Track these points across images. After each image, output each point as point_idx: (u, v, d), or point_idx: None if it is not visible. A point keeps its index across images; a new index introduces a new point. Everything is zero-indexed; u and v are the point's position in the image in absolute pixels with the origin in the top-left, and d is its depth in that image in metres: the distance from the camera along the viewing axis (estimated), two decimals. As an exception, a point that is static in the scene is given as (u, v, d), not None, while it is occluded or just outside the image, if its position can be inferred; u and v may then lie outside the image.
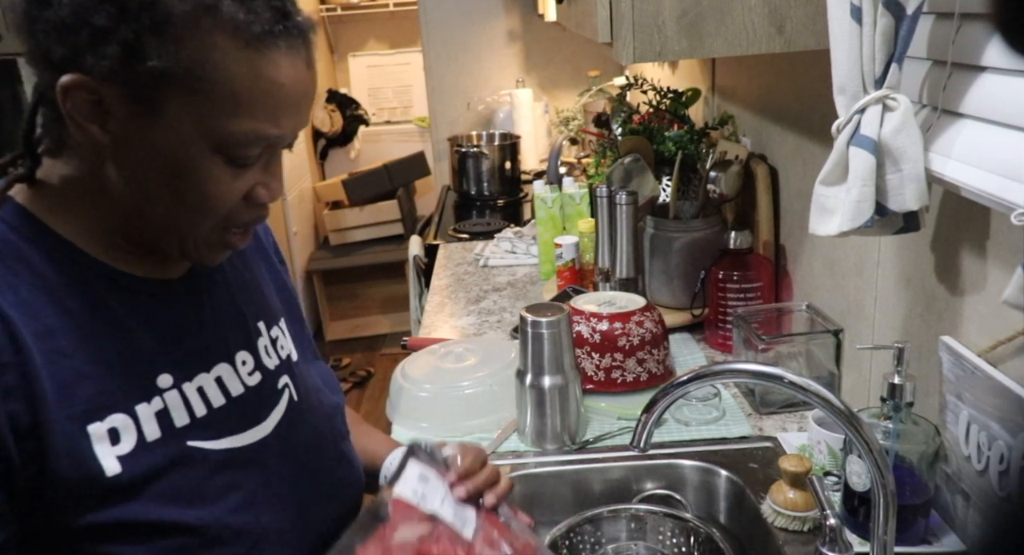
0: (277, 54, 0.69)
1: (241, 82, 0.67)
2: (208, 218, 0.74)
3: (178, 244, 0.75)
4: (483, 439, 1.28)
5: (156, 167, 0.70)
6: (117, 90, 0.67)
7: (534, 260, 2.14)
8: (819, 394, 0.80)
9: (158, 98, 0.67)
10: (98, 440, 0.69)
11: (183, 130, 0.68)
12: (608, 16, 1.08)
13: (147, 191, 0.71)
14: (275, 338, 0.89)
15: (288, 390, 0.87)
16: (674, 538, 1.10)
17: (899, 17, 0.80)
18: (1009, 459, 0.83)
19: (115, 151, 0.70)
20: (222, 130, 0.68)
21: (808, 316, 1.36)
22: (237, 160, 0.71)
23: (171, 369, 0.76)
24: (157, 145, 0.69)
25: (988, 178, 0.78)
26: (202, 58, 0.66)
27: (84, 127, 0.68)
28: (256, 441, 0.80)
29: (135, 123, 0.68)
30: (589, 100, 2.95)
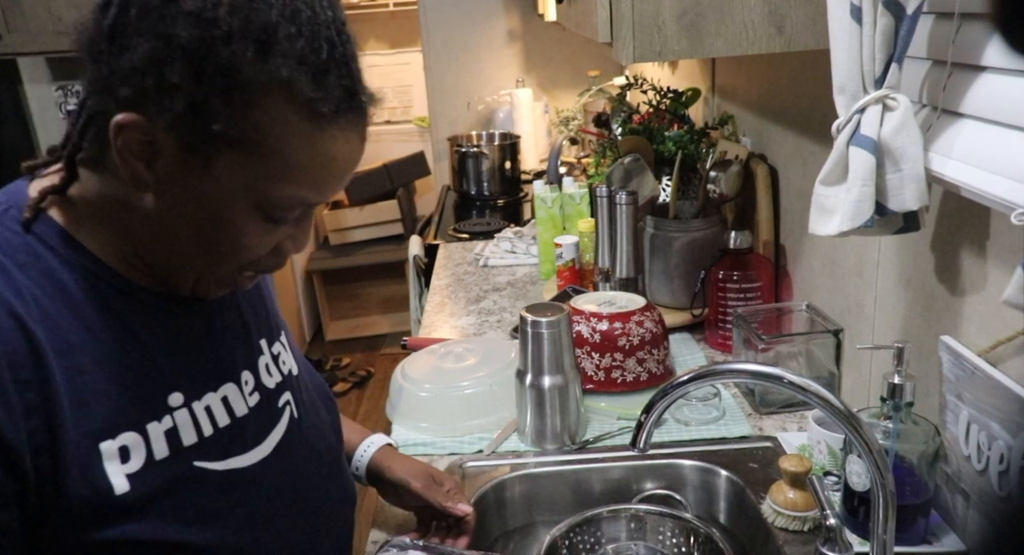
0: (337, 131, 0.69)
1: (298, 154, 0.68)
2: (233, 263, 0.74)
3: (194, 279, 0.76)
4: (483, 439, 1.28)
5: (194, 212, 0.70)
6: (172, 138, 0.66)
7: (534, 260, 2.14)
8: (819, 394, 0.80)
9: (212, 154, 0.67)
10: (109, 458, 0.69)
11: (229, 185, 0.68)
12: (608, 16, 1.08)
13: (179, 231, 0.71)
14: (277, 354, 0.89)
15: (289, 407, 0.87)
16: (674, 538, 1.10)
17: (899, 17, 0.80)
18: (1009, 459, 0.83)
19: (156, 189, 0.69)
20: (268, 193, 0.69)
21: (808, 316, 1.36)
22: (275, 218, 0.72)
23: (182, 388, 0.75)
24: (200, 194, 0.69)
25: (988, 178, 0.78)
26: (265, 127, 0.66)
27: (130, 163, 0.67)
28: (258, 461, 0.80)
29: (182, 170, 0.68)
30: (589, 100, 2.95)
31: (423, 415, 1.32)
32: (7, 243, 0.69)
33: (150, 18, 0.64)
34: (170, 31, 0.63)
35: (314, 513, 0.86)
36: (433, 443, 1.28)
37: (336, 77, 0.68)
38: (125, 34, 0.65)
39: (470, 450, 1.26)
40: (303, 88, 0.66)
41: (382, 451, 1.07)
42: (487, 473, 1.20)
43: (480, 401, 1.31)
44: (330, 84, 0.67)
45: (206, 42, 0.63)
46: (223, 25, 0.63)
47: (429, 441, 1.28)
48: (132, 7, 0.65)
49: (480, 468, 1.21)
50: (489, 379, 1.33)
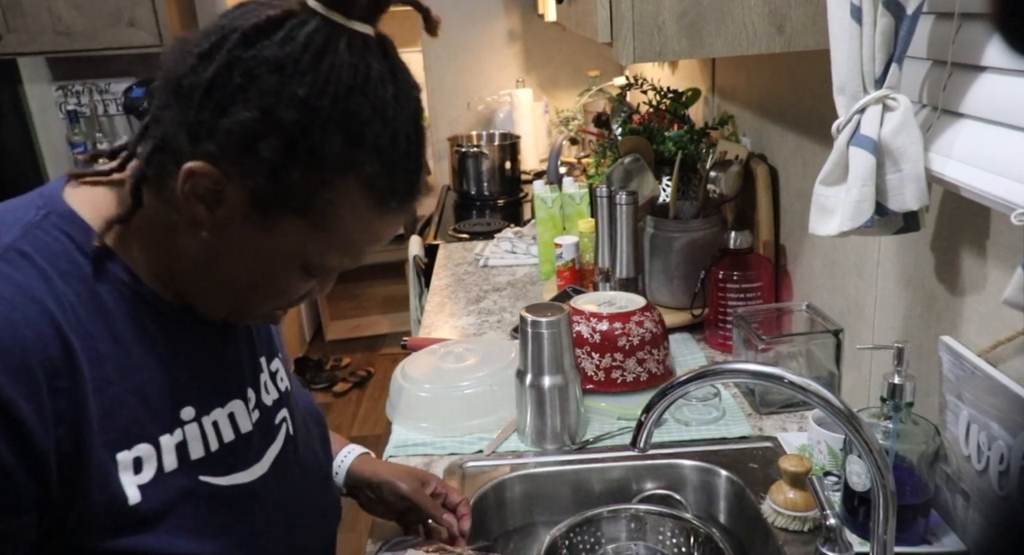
0: (393, 218, 0.73)
1: (355, 233, 0.71)
2: (268, 304, 0.78)
3: (226, 311, 0.78)
4: (483, 439, 1.28)
5: (243, 260, 0.72)
6: (241, 195, 0.68)
7: (534, 260, 2.14)
8: (819, 394, 0.80)
9: (277, 218, 0.69)
10: (124, 468, 0.69)
11: (283, 245, 0.71)
12: (608, 16, 1.08)
13: (223, 271, 0.73)
14: (275, 371, 0.90)
15: (285, 424, 0.88)
16: (674, 538, 1.10)
17: (899, 17, 0.80)
18: (1009, 459, 0.83)
19: (210, 230, 0.70)
20: (317, 258, 0.73)
21: (808, 316, 1.36)
22: (315, 276, 0.76)
23: (194, 402, 0.76)
24: (252, 245, 0.71)
25: (988, 178, 0.78)
26: (334, 206, 0.69)
27: (192, 204, 0.68)
28: (258, 477, 0.81)
29: (242, 222, 0.69)
30: (589, 100, 2.95)
31: (423, 415, 1.32)
32: (49, 250, 0.69)
33: (257, 90, 0.65)
34: (276, 110, 0.64)
35: (307, 528, 0.88)
36: (433, 443, 1.28)
37: (405, 172, 0.71)
38: (225, 94, 0.65)
39: (470, 450, 1.26)
40: (377, 180, 0.69)
41: (361, 458, 1.07)
42: (487, 473, 1.20)
43: (480, 401, 1.31)
44: (400, 177, 0.71)
45: (305, 126, 0.65)
46: (325, 113, 0.65)
47: (429, 441, 1.28)
48: (236, 71, 0.65)
49: (480, 468, 1.21)
50: (489, 379, 1.33)
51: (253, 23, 0.65)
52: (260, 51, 0.65)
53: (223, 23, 0.67)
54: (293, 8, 0.66)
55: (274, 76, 0.64)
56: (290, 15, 0.66)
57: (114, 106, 3.37)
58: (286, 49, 0.65)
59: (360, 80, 0.66)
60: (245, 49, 0.65)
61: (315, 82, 0.65)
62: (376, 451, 1.27)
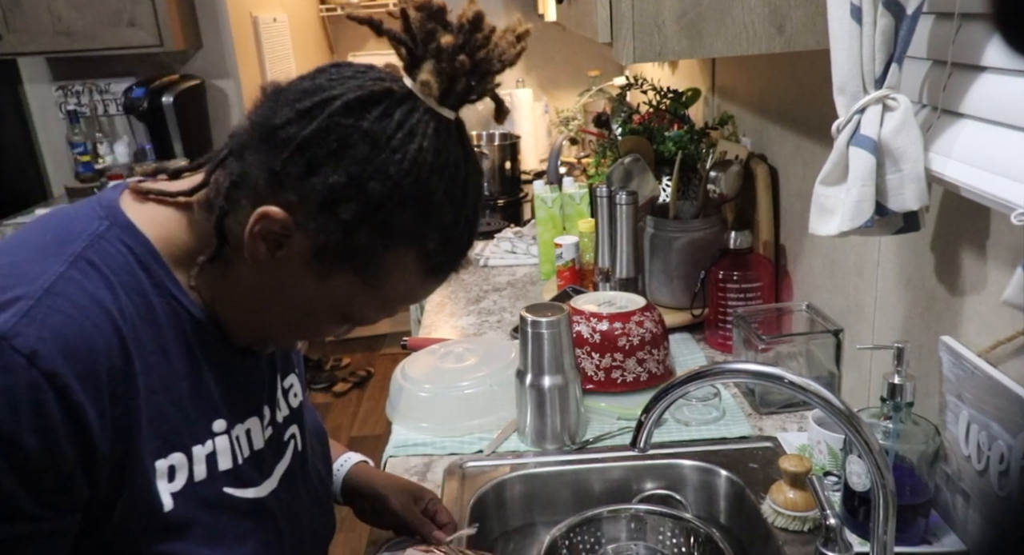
0: (434, 285, 0.79)
1: (399, 295, 0.76)
2: (299, 340, 0.84)
3: (255, 340, 0.81)
4: (483, 439, 1.28)
5: (289, 300, 0.76)
6: (307, 246, 0.71)
7: (534, 260, 2.14)
8: (819, 394, 0.80)
9: (333, 270, 0.72)
10: (160, 476, 0.72)
11: (332, 295, 0.74)
12: (608, 16, 1.08)
13: (267, 306, 0.77)
14: (288, 387, 0.92)
15: (294, 440, 0.91)
16: (674, 538, 1.10)
17: (899, 17, 0.80)
18: (1009, 459, 0.83)
19: (266, 268, 0.73)
20: (361, 311, 0.77)
21: (808, 316, 1.36)
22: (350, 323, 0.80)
23: (225, 415, 0.79)
24: (304, 290, 0.74)
25: (988, 178, 0.78)
26: (389, 270, 0.73)
27: (256, 243, 0.71)
28: (269, 492, 0.83)
29: (299, 267, 0.72)
30: (589, 100, 2.95)
31: (423, 415, 1.32)
32: (113, 261, 0.71)
33: (350, 158, 0.68)
34: (363, 179, 0.68)
35: (309, 542, 0.90)
36: (433, 443, 1.28)
37: (459, 248, 0.76)
38: (318, 154, 0.68)
39: (470, 450, 1.26)
40: (435, 254, 0.74)
41: (359, 466, 1.09)
42: (487, 473, 1.20)
43: (480, 401, 1.31)
44: (454, 253, 0.76)
45: (386, 199, 0.69)
46: (406, 190, 0.69)
47: (429, 441, 1.28)
48: (333, 135, 0.68)
49: (480, 468, 1.21)
50: (489, 379, 1.33)
51: (356, 95, 0.69)
52: (358, 122, 0.68)
53: (323, 83, 0.71)
54: (393, 87, 0.70)
55: (368, 148, 0.68)
56: (390, 93, 0.70)
57: (114, 106, 3.37)
58: (382, 124, 0.69)
59: (441, 163, 0.71)
60: (345, 117, 0.68)
61: (403, 160, 0.69)
62: (376, 451, 1.27)
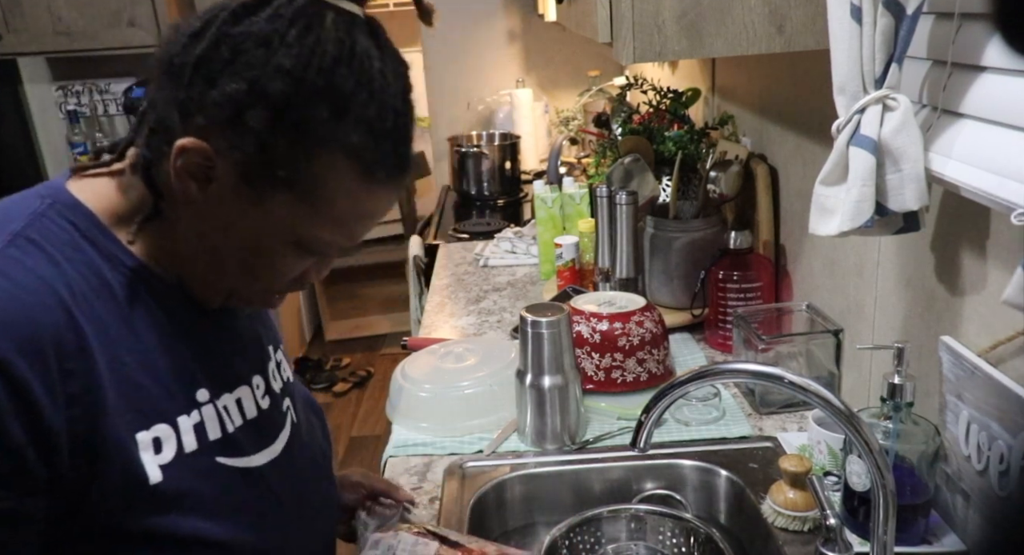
0: (382, 192, 0.74)
1: (345, 208, 0.72)
2: (263, 285, 0.78)
3: (224, 296, 0.79)
4: (483, 439, 1.28)
5: (235, 237, 0.73)
6: (232, 171, 0.69)
7: (534, 260, 2.14)
8: (819, 394, 0.80)
9: (266, 192, 0.70)
10: (144, 448, 0.71)
11: (275, 221, 0.72)
12: (608, 16, 1.08)
13: (216, 249, 0.74)
14: (279, 361, 0.92)
15: (290, 412, 0.90)
16: (674, 538, 1.10)
17: (899, 17, 0.80)
18: (1009, 459, 0.83)
19: (203, 208, 0.72)
20: (309, 235, 0.73)
21: (808, 316, 1.36)
22: (309, 253, 0.76)
23: (207, 385, 0.78)
24: (245, 222, 0.72)
25: (988, 178, 0.78)
26: (323, 180, 0.70)
27: (184, 181, 0.70)
28: (268, 461, 0.82)
29: (232, 197, 0.71)
30: (589, 100, 2.95)
31: (423, 415, 1.32)
32: (55, 237, 0.71)
33: (244, 63, 0.67)
34: (262, 81, 0.66)
35: (313, 513, 0.89)
36: (433, 443, 1.28)
37: (393, 144, 0.73)
38: (213, 69, 0.67)
39: (470, 450, 1.26)
40: (365, 152, 0.70)
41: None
42: (487, 473, 1.20)
43: (480, 401, 1.31)
44: (387, 150, 0.72)
45: (291, 97, 0.67)
46: (310, 84, 0.67)
47: (429, 441, 1.28)
48: (224, 46, 0.67)
49: (480, 468, 1.21)
50: (489, 379, 1.33)
51: (242, 2, 0.68)
52: (248, 27, 0.67)
53: (213, 5, 0.70)
54: None
55: (261, 49, 0.67)
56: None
57: (114, 106, 3.37)
58: (273, 24, 0.67)
59: (346, 54, 0.68)
60: (233, 25, 0.67)
61: (301, 54, 0.66)
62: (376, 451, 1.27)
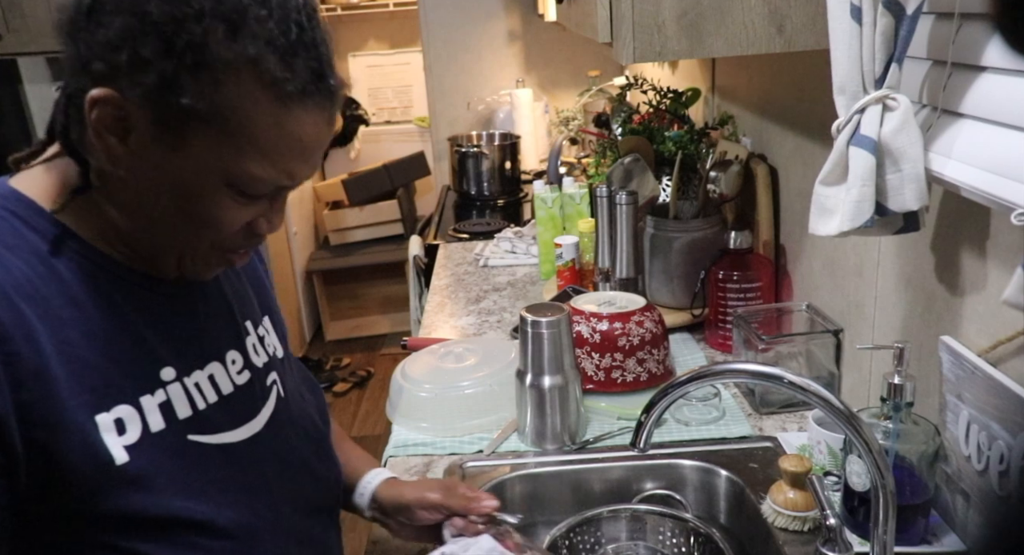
0: (303, 112, 0.71)
1: (266, 133, 0.70)
2: (208, 237, 0.76)
3: (176, 259, 0.78)
4: (483, 439, 1.28)
5: (168, 187, 0.72)
6: (144, 113, 0.69)
7: (534, 260, 2.14)
8: (819, 394, 0.80)
9: (183, 130, 0.69)
10: (105, 430, 0.71)
11: (200, 160, 0.70)
12: (608, 16, 1.08)
13: (155, 205, 0.73)
14: (262, 336, 0.91)
15: (276, 387, 0.90)
16: (674, 538, 1.10)
17: (899, 17, 0.80)
18: (1009, 459, 0.83)
19: (130, 164, 0.71)
20: (237, 170, 0.71)
21: (808, 316, 1.36)
22: (246, 195, 0.74)
23: (173, 363, 0.77)
24: (172, 168, 0.71)
25: (988, 178, 0.78)
26: (234, 104, 0.68)
27: (104, 138, 0.70)
28: (248, 437, 0.82)
29: (154, 145, 0.70)
30: (589, 100, 2.95)
31: (423, 415, 1.32)
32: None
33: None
34: (144, 8, 0.66)
35: (305, 490, 0.89)
36: (433, 443, 1.28)
37: (304, 59, 0.70)
38: (102, 11, 0.67)
39: (470, 450, 1.26)
40: (270, 67, 0.68)
41: (387, 483, 1.03)
42: (487, 473, 1.20)
43: (480, 401, 1.31)
44: (297, 65, 0.70)
45: (178, 19, 0.66)
46: (195, 4, 0.66)
47: (429, 441, 1.28)
48: None
49: (480, 468, 1.21)
50: (489, 379, 1.33)
51: None
52: None
53: None
54: None
55: None
56: None
57: (114, 106, 3.37)
58: None
59: None
60: None
61: None
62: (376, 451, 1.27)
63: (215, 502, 0.76)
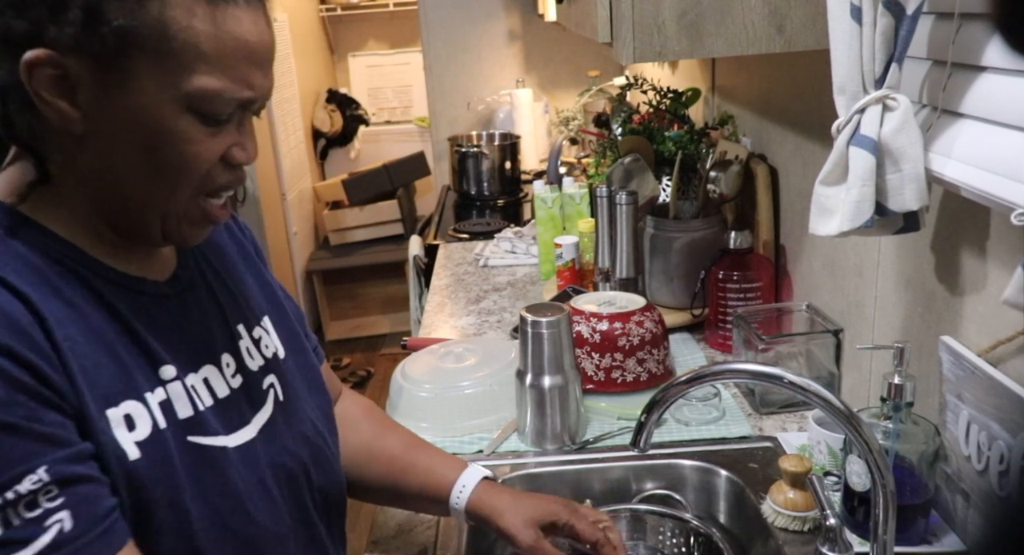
0: (237, 11, 0.69)
1: (206, 38, 0.68)
2: (186, 183, 0.73)
3: (160, 221, 0.75)
4: (483, 439, 1.28)
5: (130, 135, 0.69)
6: (83, 60, 0.66)
7: (534, 260, 2.14)
8: (819, 394, 0.80)
9: (124, 63, 0.67)
10: (116, 425, 0.70)
11: (153, 92, 0.68)
12: (608, 16, 1.08)
13: (125, 163, 0.71)
14: (258, 338, 0.89)
15: (273, 390, 0.87)
16: (674, 538, 1.10)
17: (899, 17, 0.80)
18: (1009, 459, 0.83)
19: (87, 126, 0.69)
20: (191, 88, 0.68)
21: (808, 316, 1.36)
22: (210, 118, 0.71)
23: (172, 362, 0.76)
24: (129, 112, 0.68)
25: (988, 178, 0.78)
26: (165, 16, 0.66)
27: (53, 104, 0.67)
28: (244, 443, 0.80)
29: (104, 92, 0.68)
30: (589, 100, 2.95)
31: (423, 415, 1.32)
32: None
33: None
34: None
35: (304, 495, 0.87)
36: (433, 443, 1.28)
37: None
38: None
39: (470, 450, 1.26)
40: None
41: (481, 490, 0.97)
42: (487, 473, 1.20)
43: (480, 401, 1.31)
44: None
45: None
46: None
47: (429, 441, 1.28)
48: None
49: (480, 468, 1.21)
50: (489, 379, 1.33)
51: None
52: None
53: None
54: None
55: None
56: None
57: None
58: None
59: None
60: None
61: None
62: (376, 451, 1.26)
63: (214, 508, 0.75)
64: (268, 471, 0.82)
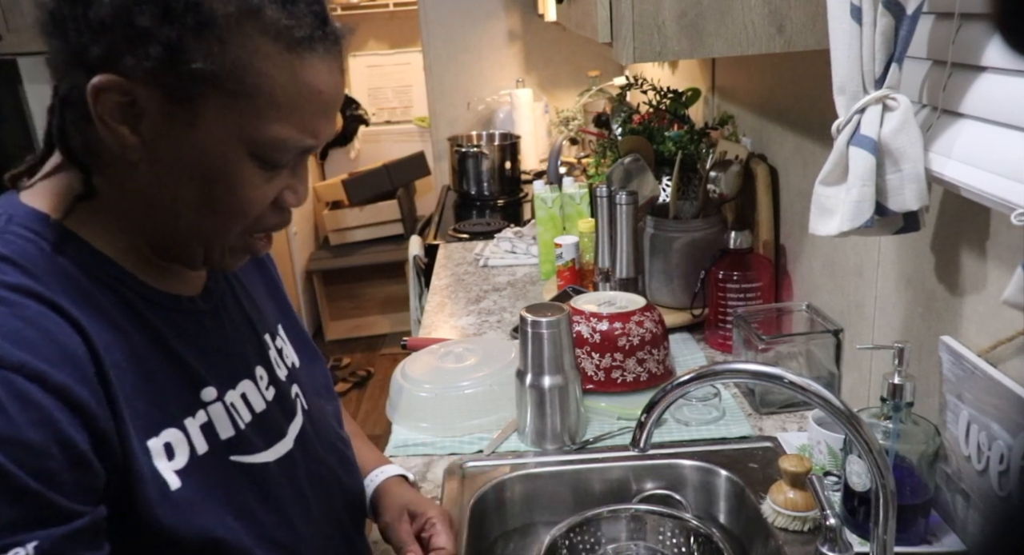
0: (316, 60, 0.68)
1: (282, 87, 0.67)
2: (238, 223, 0.72)
3: (204, 251, 0.74)
4: (483, 439, 1.28)
5: (189, 170, 0.68)
6: (153, 92, 0.65)
7: (534, 260, 2.14)
8: (819, 394, 0.80)
9: (196, 100, 0.65)
10: (157, 455, 0.68)
11: (219, 132, 0.67)
12: (608, 16, 1.08)
13: (178, 195, 0.70)
14: (280, 348, 0.89)
15: (299, 400, 0.88)
16: (674, 538, 1.10)
17: (899, 17, 0.80)
18: (1009, 459, 0.83)
19: (146, 154, 0.67)
20: (259, 135, 0.68)
21: (808, 316, 1.36)
22: (270, 163, 0.70)
23: (212, 383, 0.76)
24: (191, 147, 0.67)
25: (988, 178, 0.78)
26: (244, 61, 0.65)
27: (114, 129, 0.66)
28: (283, 455, 0.80)
29: (169, 125, 0.66)
30: (589, 100, 2.95)
31: (423, 415, 1.32)
32: (25, 252, 0.66)
33: None
34: None
35: (335, 502, 0.87)
36: (433, 443, 1.28)
37: (305, 4, 0.68)
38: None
39: (470, 450, 1.26)
40: (274, 16, 0.65)
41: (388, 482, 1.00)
42: (487, 473, 1.20)
43: (480, 401, 1.31)
44: (300, 12, 0.67)
45: None
46: None
47: (429, 441, 1.28)
48: None
49: (480, 468, 1.21)
50: (489, 379, 1.33)
51: None
52: None
53: None
54: None
55: None
56: None
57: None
58: None
59: None
60: None
61: None
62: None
63: (260, 525, 0.74)
64: (306, 481, 0.82)
